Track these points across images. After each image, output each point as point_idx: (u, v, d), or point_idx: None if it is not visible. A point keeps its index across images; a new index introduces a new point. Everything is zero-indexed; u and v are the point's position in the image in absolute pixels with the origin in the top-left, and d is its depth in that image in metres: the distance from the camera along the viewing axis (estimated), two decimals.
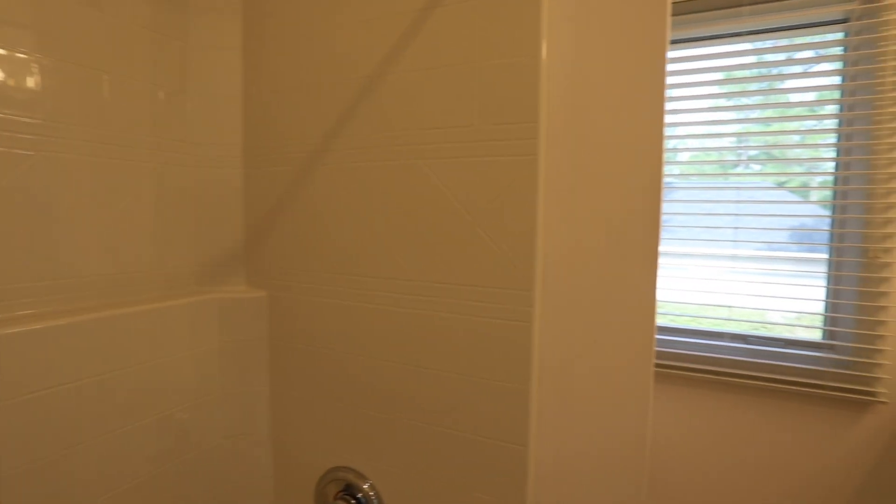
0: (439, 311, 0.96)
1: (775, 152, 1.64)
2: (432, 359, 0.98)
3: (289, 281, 1.15)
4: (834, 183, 1.56)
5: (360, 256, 1.05)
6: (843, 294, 1.52)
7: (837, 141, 1.52)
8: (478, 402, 0.94)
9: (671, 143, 1.76)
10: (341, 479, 1.12)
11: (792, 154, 1.63)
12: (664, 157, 0.81)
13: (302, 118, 1.11)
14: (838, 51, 1.55)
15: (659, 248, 0.81)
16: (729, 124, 1.63)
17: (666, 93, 0.85)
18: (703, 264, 1.71)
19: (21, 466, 0.83)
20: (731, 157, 1.65)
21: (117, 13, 1.01)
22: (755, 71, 1.63)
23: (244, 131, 1.19)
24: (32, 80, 0.88)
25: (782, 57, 1.58)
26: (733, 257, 1.64)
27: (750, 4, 1.56)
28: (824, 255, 1.56)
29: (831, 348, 1.55)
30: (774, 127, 1.60)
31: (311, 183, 1.11)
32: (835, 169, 1.55)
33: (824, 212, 1.58)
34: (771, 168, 1.67)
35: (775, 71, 1.62)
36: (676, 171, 1.73)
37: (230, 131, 1.18)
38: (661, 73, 0.80)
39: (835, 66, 1.57)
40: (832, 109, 1.56)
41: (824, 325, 1.56)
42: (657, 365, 1.70)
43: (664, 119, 0.81)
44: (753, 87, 1.64)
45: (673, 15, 1.64)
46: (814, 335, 1.59)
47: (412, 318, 0.99)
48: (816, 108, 1.61)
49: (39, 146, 0.90)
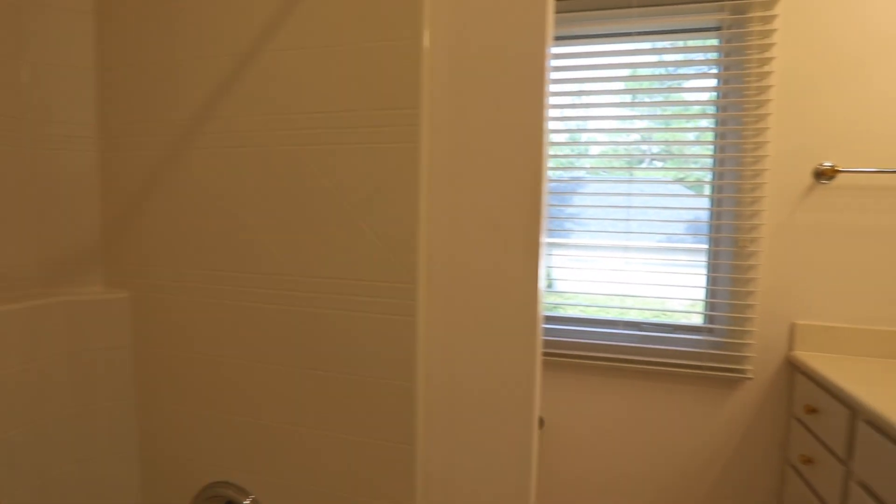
0: (321, 308, 0.90)
1: (672, 149, 1.74)
2: (315, 358, 0.92)
3: (156, 279, 1.03)
4: (712, 179, 1.68)
5: (236, 251, 0.95)
6: (720, 281, 1.64)
7: (714, 139, 1.64)
8: (363, 402, 0.89)
9: (584, 137, 1.81)
10: (220, 496, 1.02)
11: (679, 151, 1.74)
12: (545, 149, 0.80)
13: (169, 95, 0.99)
14: (715, 56, 1.67)
15: (541, 239, 0.80)
16: (622, 120, 1.70)
17: (547, 86, 0.84)
18: (604, 256, 1.77)
19: None
20: (625, 154, 1.73)
21: None
22: (647, 70, 1.71)
23: (99, 108, 1.04)
24: None
25: (671, 58, 1.67)
26: (626, 248, 1.72)
27: (639, 6, 1.63)
28: (706, 247, 1.67)
29: (710, 332, 1.67)
30: (663, 124, 1.70)
31: (180, 168, 0.99)
32: (712, 165, 1.67)
33: (707, 206, 1.70)
34: (667, 164, 1.77)
35: (662, 71, 1.72)
36: (589, 165, 1.78)
37: (80, 107, 1.03)
38: (541, 66, 0.79)
39: (713, 70, 1.69)
40: (711, 111, 1.68)
41: (705, 310, 1.68)
42: (558, 354, 1.75)
43: (545, 112, 0.80)
44: (645, 85, 1.72)
45: (565, 12, 1.68)
46: (697, 320, 1.71)
47: (293, 315, 0.92)
48: (699, 109, 1.72)
49: None
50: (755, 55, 1.55)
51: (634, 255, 1.72)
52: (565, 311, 1.82)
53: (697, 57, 1.68)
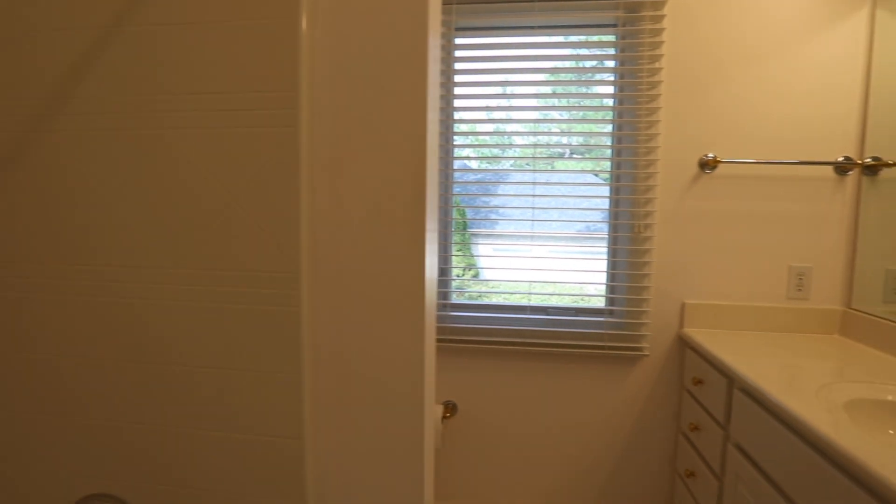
0: (200, 301, 0.86)
1: (577, 142, 1.81)
2: (195, 354, 0.87)
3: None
4: (610, 168, 1.76)
5: (101, 243, 0.88)
6: (619, 266, 1.74)
7: (612, 131, 1.72)
8: (248, 398, 0.86)
9: (481, 128, 1.84)
10: None
11: (585, 142, 1.81)
12: (429, 135, 0.81)
13: (16, 67, 0.89)
14: (612, 52, 1.75)
15: (427, 225, 0.81)
16: (523, 111, 1.74)
17: (432, 72, 0.84)
18: (522, 245, 1.82)
19: None
20: (531, 145, 1.78)
21: None
22: (549, 64, 1.76)
23: None
24: None
25: (569, 53, 1.74)
26: (534, 237, 1.77)
27: (540, 0, 1.68)
28: (608, 234, 1.76)
29: (611, 313, 1.76)
30: (568, 117, 1.76)
31: (32, 151, 0.90)
32: (612, 155, 1.75)
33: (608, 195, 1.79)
34: (572, 156, 1.84)
35: (564, 65, 1.78)
36: (494, 156, 1.81)
37: None
38: (423, 52, 0.79)
39: (610, 65, 1.77)
40: (610, 104, 1.76)
41: (606, 293, 1.77)
42: (468, 341, 1.78)
43: (428, 97, 0.80)
44: (549, 78, 1.78)
45: (468, 2, 1.69)
46: (601, 304, 1.80)
47: (167, 310, 0.87)
48: (597, 101, 1.80)
49: None
50: (646, 52, 1.64)
51: (548, 244, 1.78)
52: (490, 298, 1.86)
53: (596, 52, 1.76)
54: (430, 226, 0.84)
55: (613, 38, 1.73)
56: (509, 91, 1.76)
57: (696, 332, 1.66)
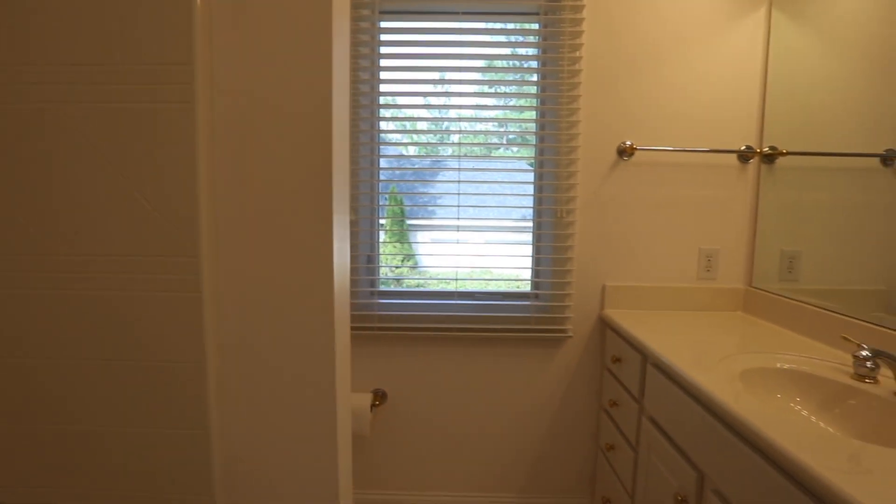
0: (96, 290, 0.79)
1: (501, 129, 1.83)
2: (93, 346, 0.81)
3: None
4: (534, 154, 1.80)
5: None
6: (543, 251, 1.78)
7: (536, 118, 1.75)
8: (154, 390, 0.81)
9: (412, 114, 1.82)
10: None
11: (515, 129, 1.83)
12: (335, 117, 0.78)
13: None
14: (535, 40, 1.78)
15: (334, 210, 0.79)
16: (447, 97, 1.74)
17: (337, 51, 0.82)
18: (454, 235, 1.82)
19: None
20: (454, 131, 1.78)
21: None
22: (471, 49, 1.76)
23: None
24: None
25: (493, 39, 1.75)
26: (458, 228, 1.78)
27: None
28: (534, 219, 1.80)
29: (537, 297, 1.81)
30: (493, 104, 1.77)
31: None
32: (536, 142, 1.79)
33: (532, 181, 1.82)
34: (492, 141, 1.86)
35: (491, 51, 1.79)
36: (451, 149, 1.80)
37: None
38: (327, 27, 0.76)
39: (533, 53, 1.80)
40: (533, 91, 1.79)
41: (532, 278, 1.81)
42: (395, 328, 1.77)
43: (333, 76, 0.78)
44: (469, 64, 1.78)
45: None
46: (527, 288, 1.84)
47: (62, 300, 0.80)
48: (516, 88, 1.83)
49: None
50: (567, 41, 1.68)
51: (475, 230, 1.80)
52: (422, 286, 1.85)
53: (521, 40, 1.79)
54: (340, 208, 0.82)
55: (537, 27, 1.76)
56: (435, 76, 1.75)
57: (616, 312, 1.74)
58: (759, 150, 1.74)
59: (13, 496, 0.85)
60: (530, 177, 1.79)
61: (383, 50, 1.72)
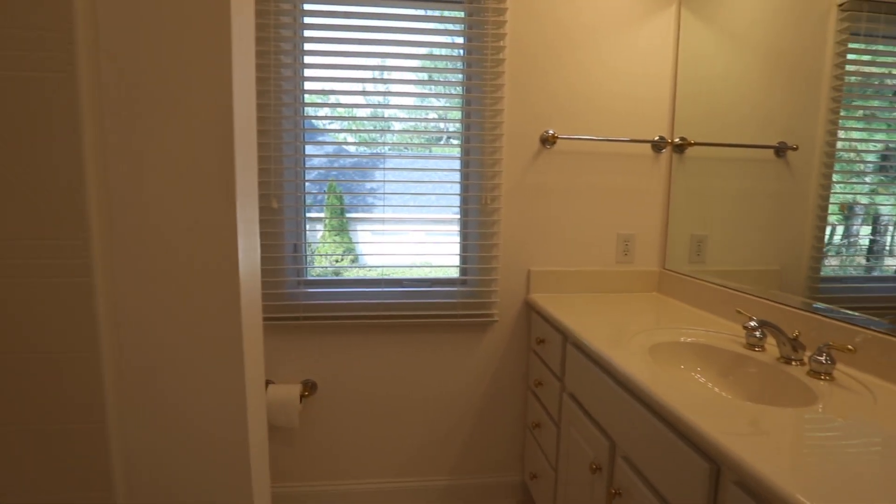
0: None
1: (429, 117, 1.83)
2: None
3: None
4: (460, 143, 1.82)
5: None
6: (471, 237, 1.81)
7: (462, 105, 1.77)
8: (47, 384, 0.76)
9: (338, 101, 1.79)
10: None
11: (441, 117, 1.84)
12: (235, 93, 0.76)
13: None
14: (460, 28, 1.80)
15: (237, 191, 0.76)
16: (371, 83, 1.72)
17: (238, 21, 0.79)
18: (389, 228, 1.80)
19: None
20: (377, 117, 1.77)
21: None
22: (397, 36, 1.75)
23: None
24: None
25: (420, 25, 1.74)
26: (382, 220, 1.78)
27: None
28: (461, 206, 1.82)
29: (464, 283, 1.84)
30: (418, 90, 1.77)
31: None
32: (462, 129, 1.81)
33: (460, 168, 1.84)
34: (417, 128, 1.86)
35: (416, 38, 1.78)
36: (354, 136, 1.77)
37: None
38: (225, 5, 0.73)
39: (459, 41, 1.81)
40: (458, 79, 1.81)
41: (459, 264, 1.84)
42: (323, 318, 1.74)
43: (232, 42, 0.75)
44: (395, 50, 1.77)
45: None
46: (455, 274, 1.86)
47: None
48: (440, 76, 1.84)
49: None
50: (491, 30, 1.70)
51: (400, 215, 1.79)
52: (368, 274, 1.83)
53: (448, 27, 1.79)
54: (246, 189, 0.80)
55: (462, 15, 1.77)
56: (359, 62, 1.72)
57: (540, 296, 1.79)
58: (670, 141, 1.85)
59: None
60: (457, 164, 1.81)
61: (307, 33, 1.68)
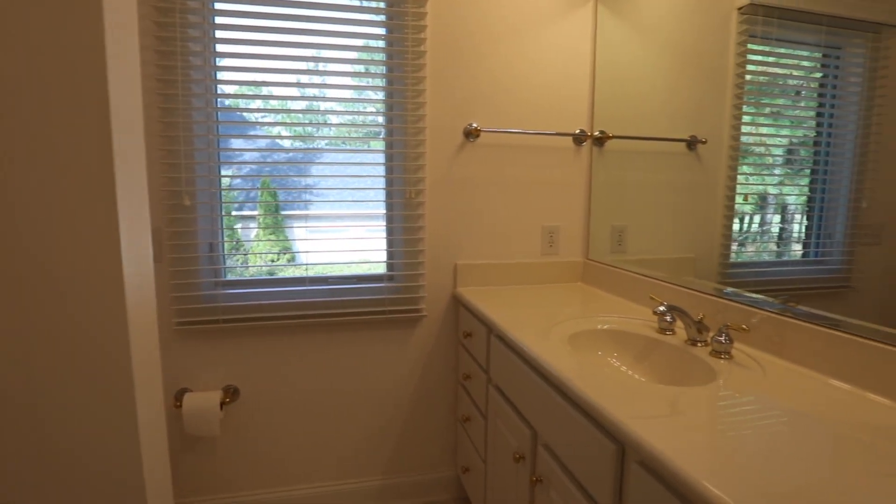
0: None
1: (351, 109, 1.78)
2: None
3: None
4: (384, 136, 1.79)
5: None
6: (396, 232, 1.79)
7: (384, 98, 1.74)
8: None
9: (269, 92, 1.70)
10: None
11: (363, 109, 1.79)
12: (110, 74, 0.69)
13: None
14: (382, 19, 1.76)
15: (118, 186, 0.70)
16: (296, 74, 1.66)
17: (109, 24, 0.72)
18: (319, 225, 1.74)
19: None
20: (307, 110, 1.70)
21: None
22: (316, 25, 1.69)
23: None
24: None
25: (338, 15, 1.69)
26: (306, 217, 1.72)
27: None
28: (386, 201, 1.79)
29: (391, 279, 1.81)
30: (339, 85, 1.72)
31: None
32: (385, 122, 1.77)
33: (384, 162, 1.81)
34: (340, 121, 1.80)
35: (333, 28, 1.73)
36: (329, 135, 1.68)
37: None
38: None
39: (381, 33, 1.77)
40: (381, 71, 1.77)
41: (386, 259, 1.81)
42: (248, 319, 1.66)
43: (105, 33, 0.68)
44: (315, 40, 1.71)
45: None
46: (381, 270, 1.83)
47: None
48: (363, 68, 1.80)
49: None
50: (412, 22, 1.68)
51: (324, 212, 1.74)
52: (306, 273, 1.75)
53: (368, 17, 1.75)
54: (128, 184, 0.73)
55: (383, 5, 1.73)
56: (275, 53, 1.65)
57: (467, 290, 1.80)
58: (590, 134, 1.90)
59: None
60: (381, 158, 1.78)
61: (219, 20, 1.59)
